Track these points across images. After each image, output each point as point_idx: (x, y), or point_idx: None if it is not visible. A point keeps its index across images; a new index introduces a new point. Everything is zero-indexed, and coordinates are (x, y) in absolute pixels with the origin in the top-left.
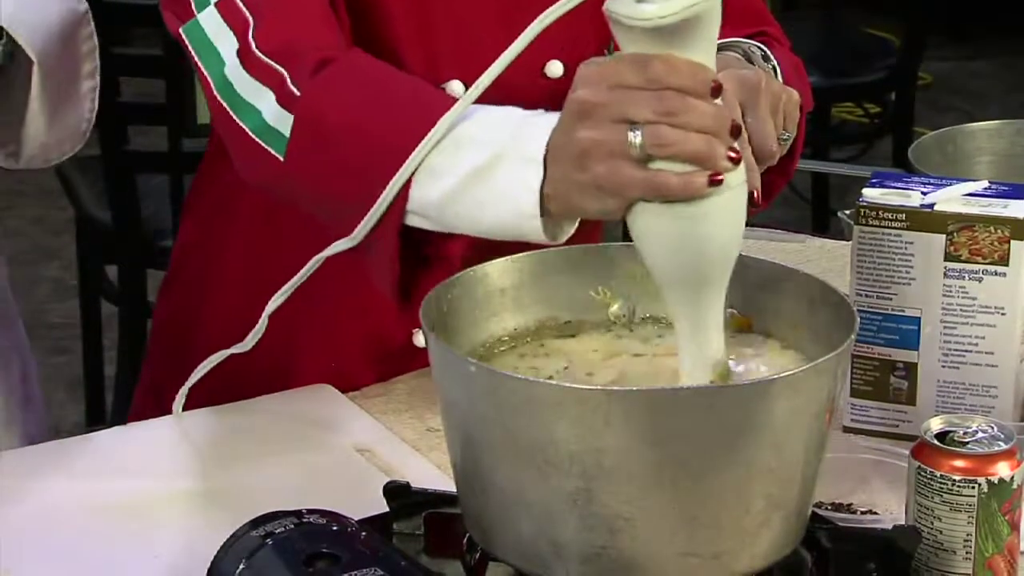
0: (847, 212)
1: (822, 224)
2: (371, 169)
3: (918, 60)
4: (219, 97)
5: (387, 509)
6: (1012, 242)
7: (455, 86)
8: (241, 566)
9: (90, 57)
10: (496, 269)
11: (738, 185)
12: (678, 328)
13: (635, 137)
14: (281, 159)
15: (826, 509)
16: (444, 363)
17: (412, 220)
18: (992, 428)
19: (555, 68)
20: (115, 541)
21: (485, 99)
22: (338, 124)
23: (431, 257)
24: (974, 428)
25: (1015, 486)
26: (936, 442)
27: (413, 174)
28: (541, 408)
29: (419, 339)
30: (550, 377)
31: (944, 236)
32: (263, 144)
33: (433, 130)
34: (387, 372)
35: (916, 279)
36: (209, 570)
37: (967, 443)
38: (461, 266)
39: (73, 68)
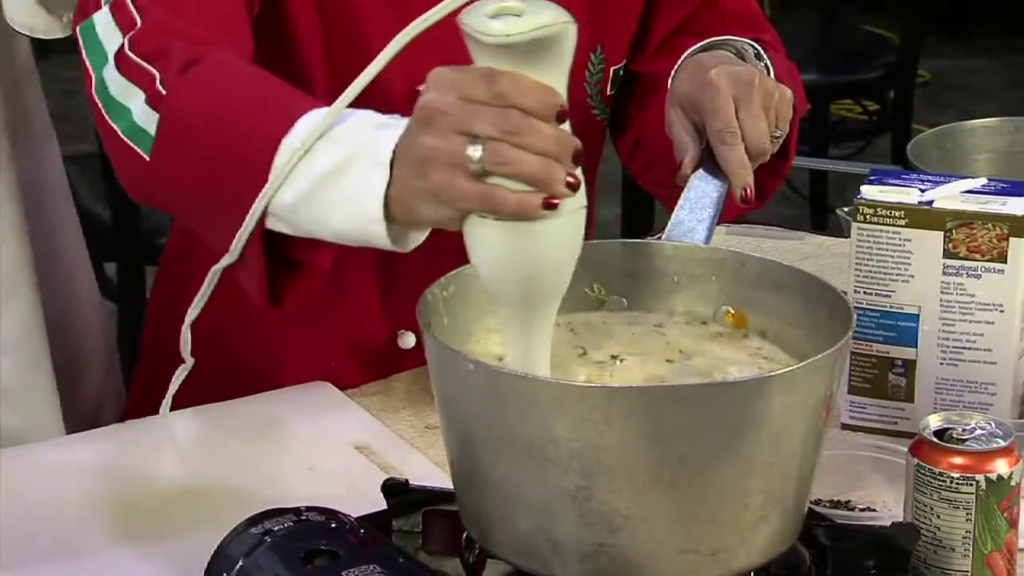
0: (846, 209)
1: (821, 221)
2: (232, 172)
3: (917, 57)
4: (95, 97)
5: (385, 506)
6: (1010, 239)
7: None
8: (240, 563)
9: None
10: None
11: (576, 210)
12: (507, 345)
13: (475, 151)
14: (147, 158)
15: (824, 506)
16: (442, 361)
17: (270, 223)
18: (990, 425)
19: None
20: (113, 539)
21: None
22: (200, 123)
23: (299, 263)
24: (972, 425)
25: (1013, 483)
26: (934, 439)
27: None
28: (540, 406)
29: (404, 340)
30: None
31: (942, 233)
32: (131, 144)
33: (302, 141)
34: (372, 374)
35: (914, 276)
36: (208, 567)
37: (965, 440)
38: (329, 274)
39: None
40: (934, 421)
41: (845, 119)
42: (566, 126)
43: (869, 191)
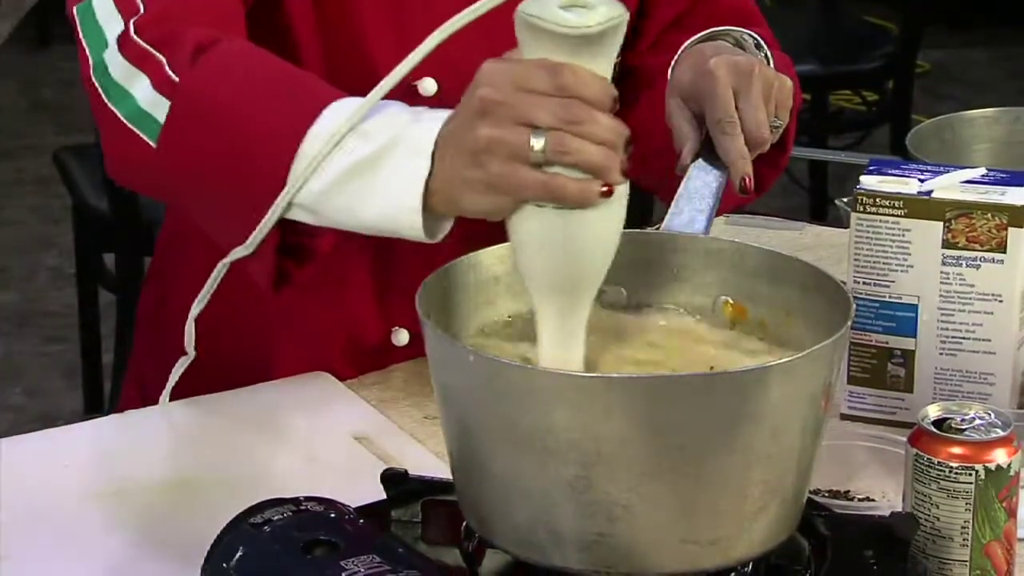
0: (845, 200)
1: (820, 212)
2: (253, 160)
3: (916, 48)
4: (94, 79)
5: (385, 496)
6: (1010, 229)
7: (428, 84)
8: (239, 553)
9: None
10: (489, 256)
11: (622, 196)
12: (543, 335)
13: (537, 141)
14: (153, 145)
15: (823, 496)
16: (441, 351)
17: (292, 213)
18: (989, 415)
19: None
20: (112, 529)
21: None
22: (217, 111)
23: (302, 248)
24: (971, 415)
25: (1012, 473)
26: (933, 429)
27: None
28: (540, 396)
29: (398, 338)
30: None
31: (942, 223)
32: (135, 129)
33: (332, 132)
34: (364, 370)
35: (913, 266)
36: (207, 557)
37: (964, 430)
38: (327, 268)
39: None
40: (933, 411)
41: (844, 109)
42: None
43: (868, 181)
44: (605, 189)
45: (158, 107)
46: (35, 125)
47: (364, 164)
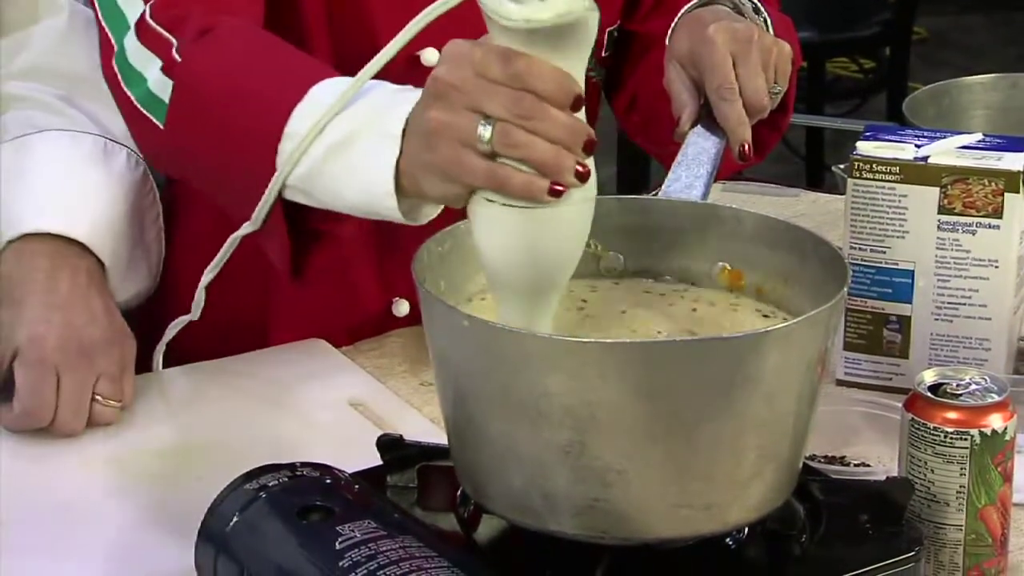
0: (841, 166)
1: (816, 179)
2: (246, 141)
3: (913, 14)
4: (114, 65)
5: (380, 462)
6: (1006, 195)
7: (430, 54)
8: (235, 519)
9: (152, 210)
10: None
11: (584, 200)
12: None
13: (485, 131)
14: (161, 127)
15: (819, 462)
16: (437, 316)
17: (288, 194)
18: (985, 380)
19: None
20: (110, 495)
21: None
22: (212, 90)
23: (320, 232)
24: (967, 380)
25: (1007, 438)
26: (929, 394)
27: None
28: (535, 361)
29: (398, 308)
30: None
31: (938, 189)
32: (146, 112)
33: (320, 112)
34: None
35: (910, 232)
36: (203, 523)
37: (960, 395)
38: (349, 242)
39: (141, 235)
40: (929, 376)
41: (840, 77)
42: (581, 114)
43: (864, 147)
44: (553, 188)
45: (165, 89)
46: None
47: (340, 145)
